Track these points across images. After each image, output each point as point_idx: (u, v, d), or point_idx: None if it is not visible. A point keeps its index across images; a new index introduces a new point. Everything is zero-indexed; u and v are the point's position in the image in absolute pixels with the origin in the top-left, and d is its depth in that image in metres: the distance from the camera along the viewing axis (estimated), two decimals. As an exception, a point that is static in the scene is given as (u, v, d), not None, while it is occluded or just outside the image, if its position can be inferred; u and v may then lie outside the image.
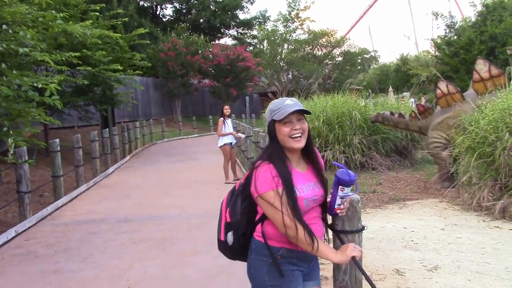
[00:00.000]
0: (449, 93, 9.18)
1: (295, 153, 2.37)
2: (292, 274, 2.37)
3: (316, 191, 2.39)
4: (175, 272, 4.76)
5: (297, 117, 2.32)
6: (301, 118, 2.34)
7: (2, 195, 9.36)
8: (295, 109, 2.28)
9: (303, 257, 2.40)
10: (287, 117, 2.28)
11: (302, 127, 2.32)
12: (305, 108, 2.34)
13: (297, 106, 2.31)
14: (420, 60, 38.46)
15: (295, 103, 2.33)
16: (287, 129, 2.29)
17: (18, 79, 4.86)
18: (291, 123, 2.30)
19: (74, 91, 14.09)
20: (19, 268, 5.09)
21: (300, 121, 2.33)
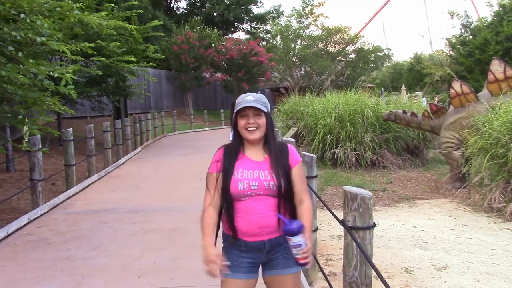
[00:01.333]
0: (463, 93, 9.12)
1: (254, 143, 2.53)
2: (240, 262, 2.50)
3: (260, 179, 2.45)
4: (183, 263, 4.80)
5: (254, 112, 2.49)
6: (260, 113, 2.50)
7: (15, 183, 9.46)
8: (247, 105, 2.46)
9: (254, 247, 2.47)
10: (243, 111, 2.49)
11: (258, 122, 2.49)
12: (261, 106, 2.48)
13: (253, 103, 2.47)
14: (434, 59, 38.16)
15: (255, 99, 2.49)
16: (243, 122, 2.49)
17: (34, 68, 4.90)
18: (247, 117, 2.49)
19: (88, 81, 14.17)
20: (31, 255, 5.16)
21: (257, 116, 2.49)
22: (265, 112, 2.51)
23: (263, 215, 2.44)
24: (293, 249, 2.37)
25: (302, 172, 2.58)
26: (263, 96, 2.57)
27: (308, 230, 2.43)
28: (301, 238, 2.35)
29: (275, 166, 2.48)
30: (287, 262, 2.51)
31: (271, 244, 2.48)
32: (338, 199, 8.37)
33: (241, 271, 2.50)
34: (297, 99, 15.22)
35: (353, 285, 2.73)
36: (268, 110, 2.55)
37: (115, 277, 4.45)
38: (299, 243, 2.35)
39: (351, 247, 2.72)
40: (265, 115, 2.51)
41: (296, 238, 2.35)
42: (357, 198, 2.68)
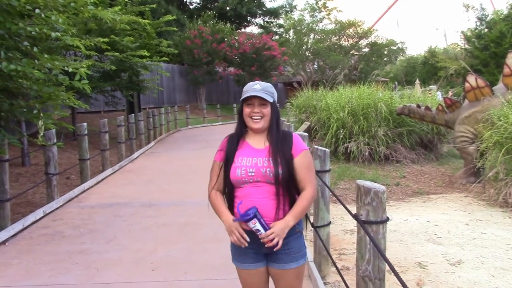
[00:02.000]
0: (478, 87, 9.03)
1: (257, 132, 2.56)
2: (244, 251, 2.56)
3: (258, 166, 2.47)
4: (197, 257, 4.82)
5: (260, 101, 2.50)
6: (265, 103, 2.51)
7: (31, 177, 9.57)
8: (253, 94, 2.47)
9: (253, 238, 2.48)
10: (249, 99, 2.51)
11: (263, 111, 2.51)
12: (267, 96, 2.49)
13: (259, 92, 2.48)
14: (448, 53, 37.76)
15: (262, 89, 2.51)
16: (248, 110, 2.52)
17: (49, 63, 4.94)
18: (253, 105, 2.51)
19: (102, 76, 14.25)
20: (46, 248, 5.22)
21: (262, 106, 2.51)
22: (271, 102, 2.53)
23: (259, 201, 2.46)
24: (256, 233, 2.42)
25: (307, 161, 2.56)
26: (270, 85, 2.58)
27: (295, 214, 2.47)
28: (256, 224, 2.39)
29: (274, 153, 2.49)
30: (287, 257, 2.54)
31: None
32: (351, 193, 8.35)
33: (248, 261, 2.58)
34: (310, 93, 15.18)
35: (366, 279, 2.72)
36: (274, 100, 2.55)
37: (129, 271, 4.50)
38: (255, 228, 2.40)
39: (364, 241, 2.71)
40: (271, 105, 2.53)
41: (251, 225, 2.40)
42: (371, 192, 2.67)
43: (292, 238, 2.54)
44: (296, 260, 2.56)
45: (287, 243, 2.50)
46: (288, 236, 2.49)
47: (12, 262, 4.76)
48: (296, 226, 2.54)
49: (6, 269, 4.59)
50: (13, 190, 7.81)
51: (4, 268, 4.61)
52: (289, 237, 2.50)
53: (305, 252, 2.64)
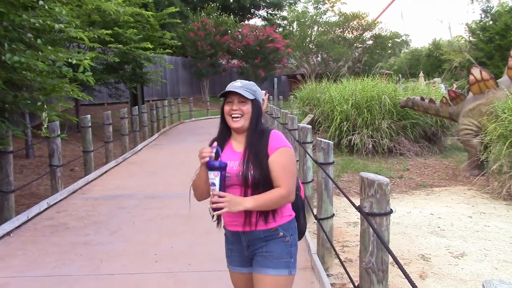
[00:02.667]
0: (483, 79, 8.99)
1: (238, 132, 2.44)
2: (230, 254, 2.54)
3: (233, 169, 2.35)
4: (200, 249, 4.84)
5: (239, 99, 2.39)
6: (245, 101, 2.39)
7: (35, 168, 9.60)
8: (229, 90, 2.39)
9: (234, 238, 2.46)
10: (229, 97, 2.41)
11: (242, 109, 2.38)
12: (246, 93, 2.38)
13: (239, 89, 2.38)
14: (453, 45, 37.59)
15: (243, 86, 2.41)
16: (228, 108, 2.41)
17: (53, 55, 4.95)
18: (232, 103, 2.40)
19: (105, 68, 14.26)
20: (51, 239, 5.25)
21: (241, 103, 2.39)
22: (252, 100, 2.41)
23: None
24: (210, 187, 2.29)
25: (283, 160, 2.36)
26: (253, 83, 2.48)
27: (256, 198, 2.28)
28: (215, 177, 2.26)
29: (246, 154, 2.36)
30: (264, 261, 2.39)
31: (248, 237, 2.40)
32: (354, 186, 8.35)
33: (234, 263, 2.53)
34: (313, 85, 15.14)
35: (369, 271, 2.73)
36: (256, 97, 2.43)
37: (132, 262, 4.52)
38: (212, 181, 2.26)
39: (368, 233, 2.71)
40: (252, 103, 2.41)
41: (210, 174, 2.27)
42: (374, 184, 2.67)
43: (272, 242, 2.39)
44: (275, 267, 2.37)
45: (266, 245, 2.39)
46: (268, 239, 2.39)
47: (16, 253, 4.79)
48: (279, 230, 2.39)
49: (11, 259, 4.62)
50: (17, 182, 7.85)
51: (9, 258, 4.64)
52: (268, 240, 2.39)
53: (289, 263, 2.41)
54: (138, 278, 4.14)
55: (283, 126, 9.51)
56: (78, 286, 4.00)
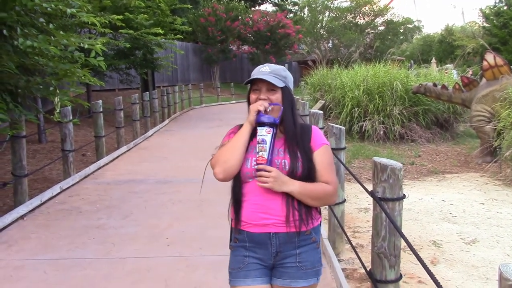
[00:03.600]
0: (496, 65, 8.89)
1: None
2: (242, 261, 2.12)
3: (279, 157, 2.10)
4: (212, 233, 4.86)
5: (268, 86, 2.13)
6: (274, 88, 2.13)
7: (47, 153, 9.68)
8: (259, 77, 2.11)
9: (258, 241, 2.09)
10: (256, 84, 2.16)
11: (271, 98, 2.12)
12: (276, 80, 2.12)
13: (267, 75, 2.11)
14: (466, 31, 37.13)
15: (271, 71, 2.14)
16: (254, 97, 2.15)
17: (65, 39, 4.95)
18: (259, 91, 2.15)
19: (116, 54, 14.26)
20: (63, 223, 5.30)
21: (270, 92, 2.13)
22: (282, 88, 2.14)
23: (269, 197, 2.05)
24: (257, 145, 2.05)
25: (327, 157, 2.16)
26: (282, 68, 2.21)
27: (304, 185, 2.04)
28: (268, 134, 2.04)
29: (290, 143, 2.11)
30: (297, 273, 2.09)
31: (279, 241, 2.06)
32: (365, 172, 8.33)
33: (249, 275, 2.10)
34: (324, 71, 15.05)
35: (382, 255, 2.73)
36: (287, 84, 2.17)
37: (144, 246, 4.55)
38: (263, 137, 2.04)
39: (380, 218, 2.71)
40: (282, 91, 2.14)
41: (261, 131, 2.06)
42: (387, 169, 2.66)
43: (306, 249, 2.10)
44: (307, 278, 2.10)
45: (299, 254, 2.09)
46: (300, 246, 2.09)
47: (30, 236, 4.85)
48: (312, 234, 2.11)
49: (25, 242, 4.67)
50: (30, 166, 7.91)
51: (23, 241, 4.70)
52: (301, 246, 2.09)
53: (319, 270, 2.16)
54: (150, 262, 4.17)
55: (294, 112, 9.48)
56: (91, 269, 4.04)
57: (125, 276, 3.89)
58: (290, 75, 2.22)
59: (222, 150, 2.12)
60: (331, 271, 3.94)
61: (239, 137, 2.10)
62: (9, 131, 5.58)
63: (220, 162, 2.10)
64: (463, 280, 4.18)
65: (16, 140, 5.91)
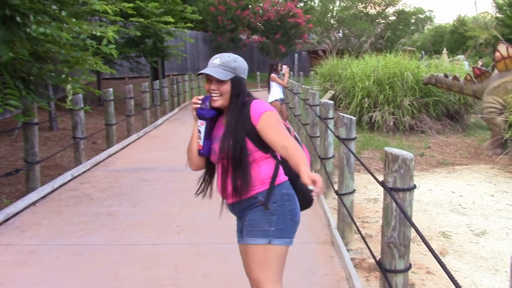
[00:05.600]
0: (509, 56, 8.81)
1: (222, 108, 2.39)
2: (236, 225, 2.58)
3: (217, 144, 2.37)
4: (221, 221, 4.84)
5: (217, 78, 2.30)
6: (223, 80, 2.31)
7: (58, 141, 9.75)
8: (205, 72, 2.31)
9: (230, 211, 2.48)
10: (208, 75, 2.32)
11: (220, 89, 2.31)
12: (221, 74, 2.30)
13: (213, 70, 2.31)
14: (478, 22, 36.73)
15: (221, 64, 2.33)
16: (207, 87, 2.35)
17: (78, 27, 4.97)
18: (211, 81, 2.33)
19: (126, 42, 14.29)
20: (75, 209, 5.35)
21: (219, 83, 2.30)
22: (232, 78, 2.32)
23: (220, 178, 2.38)
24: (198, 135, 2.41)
25: (271, 122, 2.27)
26: (233, 58, 2.37)
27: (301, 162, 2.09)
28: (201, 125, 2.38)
29: (226, 129, 2.33)
30: (246, 231, 2.35)
31: (236, 209, 2.42)
32: (374, 162, 8.32)
33: (237, 234, 2.56)
34: (334, 61, 14.98)
35: (391, 245, 2.74)
36: (237, 74, 2.34)
37: (155, 233, 4.60)
38: (199, 128, 2.39)
39: (391, 208, 2.72)
40: (231, 81, 2.32)
41: (198, 122, 2.38)
42: (398, 159, 2.66)
43: (252, 211, 2.35)
44: (253, 236, 2.31)
45: (247, 215, 2.38)
46: (250, 209, 2.36)
47: (42, 222, 4.91)
48: (258, 197, 2.33)
49: (37, 228, 4.74)
50: (42, 154, 7.96)
51: (35, 227, 4.76)
52: (250, 209, 2.36)
53: (269, 231, 2.30)
54: (160, 249, 4.22)
55: (304, 101, 9.47)
56: (102, 255, 4.09)
57: (136, 262, 3.93)
58: (242, 64, 2.39)
59: (187, 148, 2.51)
60: (340, 261, 3.96)
61: (192, 134, 2.46)
62: (21, 117, 5.63)
63: (188, 158, 2.53)
64: (472, 271, 4.18)
65: (29, 127, 5.96)
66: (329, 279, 3.67)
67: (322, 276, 3.71)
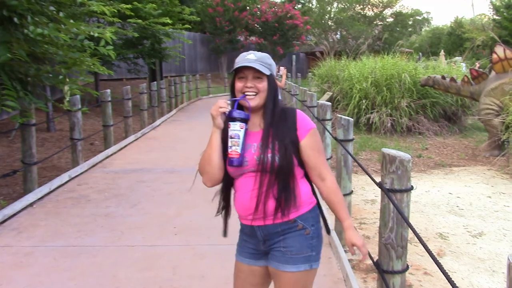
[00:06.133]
0: (506, 58, 8.83)
1: (252, 110, 2.10)
2: (242, 241, 2.28)
3: (251, 153, 2.07)
4: (219, 222, 4.87)
5: (254, 74, 2.08)
6: (261, 76, 2.08)
7: (56, 142, 9.74)
8: (245, 65, 2.05)
9: (247, 231, 2.19)
10: (241, 72, 2.09)
11: (257, 86, 2.07)
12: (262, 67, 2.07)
13: (253, 63, 2.05)
14: (475, 23, 36.85)
15: (257, 59, 2.08)
16: (240, 85, 2.09)
17: (75, 28, 4.97)
18: (246, 79, 2.08)
19: (124, 43, 14.28)
20: (72, 210, 5.34)
21: (257, 79, 2.08)
22: (268, 75, 2.10)
23: (252, 195, 2.07)
24: (229, 140, 2.05)
25: (317, 142, 2.13)
26: (267, 56, 2.17)
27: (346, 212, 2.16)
28: (241, 129, 2.03)
29: (267, 136, 2.06)
30: (283, 257, 2.11)
31: (264, 232, 2.12)
32: (372, 164, 8.33)
33: (244, 255, 2.25)
34: (332, 63, 15.02)
35: (389, 246, 2.75)
36: (272, 72, 2.14)
37: (153, 234, 4.59)
38: (236, 132, 2.03)
39: (388, 209, 2.72)
40: (268, 79, 2.10)
41: (235, 126, 2.03)
42: (396, 160, 2.67)
43: (291, 236, 2.11)
44: (294, 263, 2.10)
45: (283, 240, 2.11)
46: (285, 233, 2.12)
47: (40, 224, 4.90)
48: (298, 221, 2.11)
49: (35, 229, 4.73)
50: (39, 155, 7.95)
51: (32, 228, 4.75)
52: (285, 234, 2.12)
53: (311, 256, 2.15)
54: (158, 250, 4.21)
55: (302, 103, 9.49)
56: (100, 256, 4.09)
57: (133, 263, 3.93)
58: (274, 63, 2.20)
59: (202, 161, 2.17)
60: (337, 262, 3.97)
61: (211, 145, 2.12)
62: (19, 119, 5.62)
63: (203, 173, 2.19)
64: (469, 272, 4.19)
65: (26, 128, 5.95)
66: (326, 280, 3.67)
67: (320, 277, 3.71)
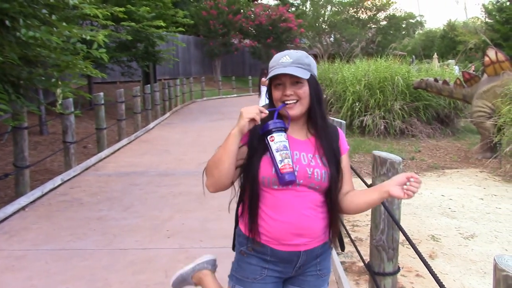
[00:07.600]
0: (498, 61, 8.89)
1: (294, 118, 1.84)
2: (260, 273, 1.88)
3: (302, 163, 1.80)
4: (212, 225, 4.89)
5: (292, 79, 1.80)
6: (300, 81, 1.81)
7: (48, 145, 9.71)
8: (280, 72, 1.77)
9: (284, 259, 1.86)
10: (278, 78, 1.82)
11: (297, 92, 1.80)
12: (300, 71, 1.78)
13: (289, 68, 1.77)
14: (468, 27, 37.07)
15: (293, 61, 1.79)
16: (278, 93, 1.82)
17: (68, 31, 4.97)
18: (283, 85, 1.81)
19: (118, 46, 14.26)
20: (65, 214, 5.33)
21: (296, 85, 1.80)
22: (308, 78, 1.81)
23: (303, 214, 1.79)
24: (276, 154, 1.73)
25: (349, 162, 1.98)
26: (305, 54, 1.85)
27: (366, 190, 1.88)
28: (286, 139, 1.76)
29: (325, 149, 1.84)
30: (318, 281, 1.94)
31: (307, 256, 1.87)
32: (365, 166, 8.35)
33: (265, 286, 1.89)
34: (326, 66, 15.06)
35: (380, 248, 2.76)
36: (313, 73, 1.85)
37: (145, 237, 4.59)
38: (284, 144, 1.75)
39: (379, 211, 2.74)
40: (308, 82, 1.82)
41: (280, 136, 1.75)
42: (387, 163, 2.68)
43: (324, 256, 1.94)
44: (323, 284, 1.97)
45: (319, 263, 1.92)
46: (321, 254, 1.91)
47: (32, 227, 4.88)
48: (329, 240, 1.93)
49: (27, 233, 4.71)
50: (32, 158, 7.93)
51: (24, 232, 4.73)
52: (321, 254, 1.91)
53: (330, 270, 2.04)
54: (151, 253, 4.21)
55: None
56: (92, 259, 4.08)
57: (126, 267, 3.92)
58: (313, 60, 1.89)
59: (210, 162, 1.86)
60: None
61: (225, 148, 1.77)
62: (11, 122, 5.60)
63: (209, 175, 1.87)
64: (461, 274, 4.21)
65: (18, 131, 5.93)
66: (319, 282, 3.67)
67: (312, 279, 3.72)
